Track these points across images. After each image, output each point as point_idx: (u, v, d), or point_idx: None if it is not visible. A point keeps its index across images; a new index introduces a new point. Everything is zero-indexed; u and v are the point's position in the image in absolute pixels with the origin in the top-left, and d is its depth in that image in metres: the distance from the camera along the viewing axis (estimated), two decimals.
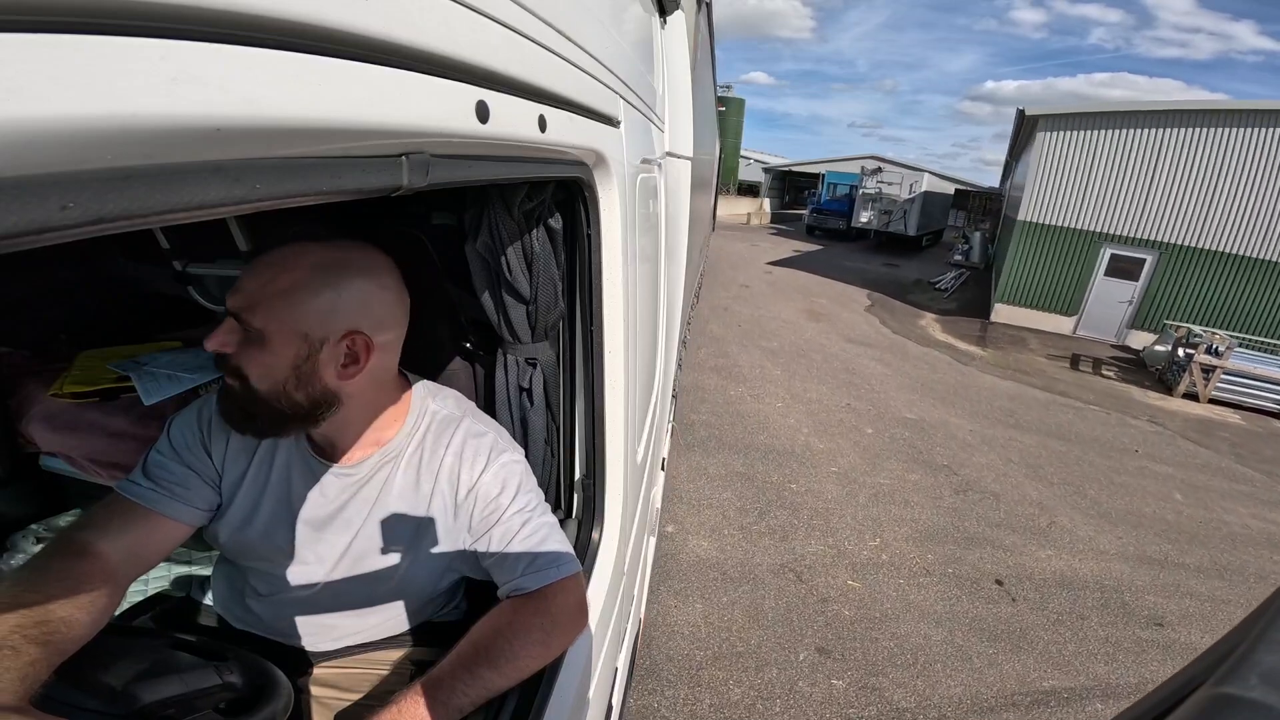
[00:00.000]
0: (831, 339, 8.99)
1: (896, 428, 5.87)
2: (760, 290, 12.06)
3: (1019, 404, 7.17)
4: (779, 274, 14.42)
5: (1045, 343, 10.79)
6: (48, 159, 0.18)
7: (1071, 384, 8.42)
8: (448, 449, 0.91)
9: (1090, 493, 5.03)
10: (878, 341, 9.22)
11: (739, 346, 7.92)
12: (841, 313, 10.88)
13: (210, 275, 1.55)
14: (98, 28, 0.19)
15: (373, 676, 0.99)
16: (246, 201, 0.27)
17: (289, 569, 0.91)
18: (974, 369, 8.49)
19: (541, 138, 0.58)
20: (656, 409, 1.87)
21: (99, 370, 1.36)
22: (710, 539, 3.71)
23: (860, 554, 3.75)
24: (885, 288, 14.13)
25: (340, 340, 0.77)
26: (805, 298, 11.83)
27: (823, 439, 5.38)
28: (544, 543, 0.89)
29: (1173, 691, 0.26)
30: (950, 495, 4.65)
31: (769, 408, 5.96)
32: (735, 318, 9.51)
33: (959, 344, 9.85)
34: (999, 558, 3.93)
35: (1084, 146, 10.85)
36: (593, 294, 0.95)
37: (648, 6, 1.42)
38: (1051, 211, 11.39)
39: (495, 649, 0.79)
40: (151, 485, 0.85)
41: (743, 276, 13.32)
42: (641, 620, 2.37)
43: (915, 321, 11.06)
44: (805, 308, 10.89)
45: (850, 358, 8.11)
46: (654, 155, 1.40)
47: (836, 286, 13.57)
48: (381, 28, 0.31)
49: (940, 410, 6.54)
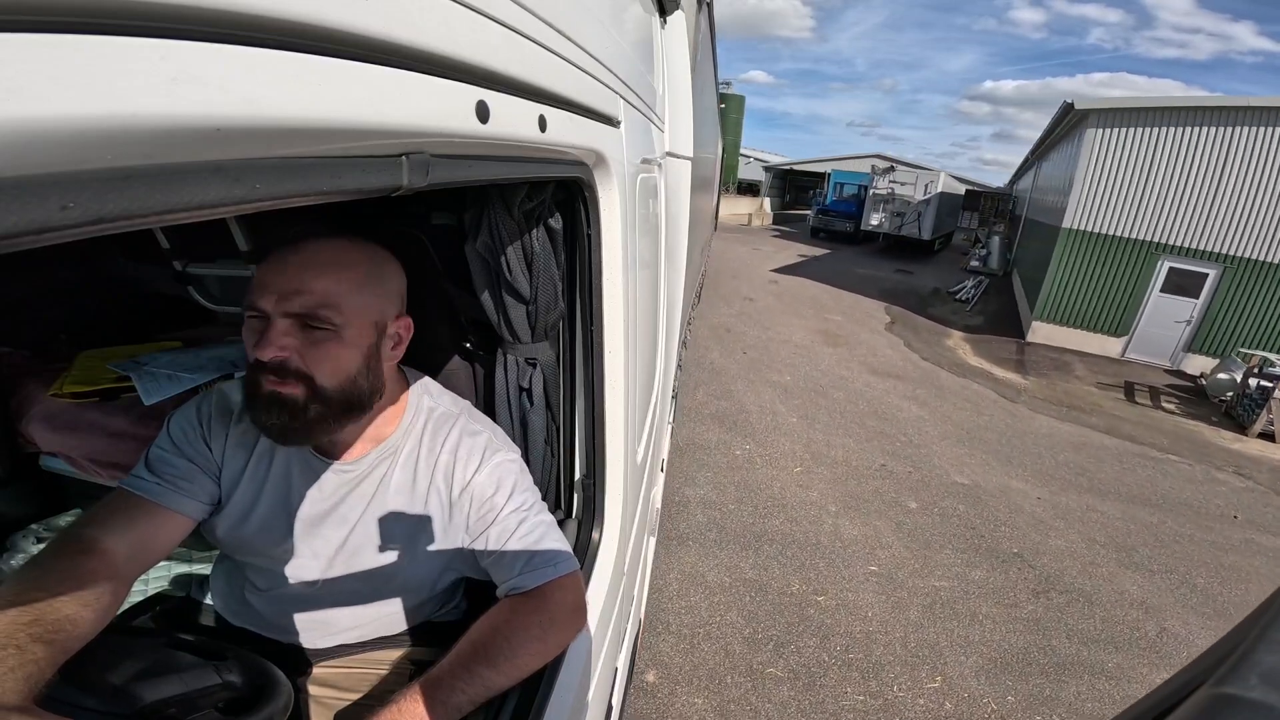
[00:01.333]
0: (853, 369, 7.66)
1: (947, 498, 4.65)
2: (766, 304, 10.64)
3: (1086, 455, 5.92)
4: (786, 283, 12.99)
5: (1092, 368, 9.41)
6: (48, 159, 0.18)
7: (1136, 423, 7.15)
8: (443, 447, 0.91)
9: (1199, 582, 4.04)
10: (907, 372, 7.86)
11: (745, 383, 6.57)
12: (860, 333, 9.57)
13: (210, 275, 1.55)
14: (98, 28, 0.19)
15: (372, 676, 0.99)
16: (247, 201, 0.27)
17: (286, 564, 0.91)
18: (1023, 407, 7.14)
19: (541, 138, 0.58)
20: (656, 409, 1.87)
21: (99, 370, 1.36)
22: (707, 693, 2.64)
23: (916, 704, 2.72)
24: (903, 299, 12.68)
25: (395, 322, 0.85)
26: (818, 313, 10.43)
27: (855, 520, 4.16)
28: (540, 541, 0.89)
29: (1173, 691, 0.26)
30: (1028, 599, 3.58)
31: (784, 475, 4.69)
32: (740, 341, 8.17)
33: (997, 371, 8.59)
34: (1103, 690, 2.94)
35: (1141, 145, 9.35)
36: (593, 294, 0.95)
37: (648, 6, 1.42)
38: (1101, 218, 9.85)
39: (493, 648, 0.79)
40: (155, 479, 0.85)
41: (746, 287, 11.95)
42: (642, 621, 2.37)
43: (942, 342, 9.77)
44: (819, 327, 9.51)
45: (878, 396, 6.76)
46: (654, 155, 1.40)
47: (850, 299, 12.14)
48: (381, 28, 0.31)
49: (997, 469, 5.29)
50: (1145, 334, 10.17)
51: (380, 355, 0.83)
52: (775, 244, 20.34)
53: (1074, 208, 10.00)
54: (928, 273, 16.97)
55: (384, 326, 0.83)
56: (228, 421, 0.90)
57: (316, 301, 0.75)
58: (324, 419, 0.78)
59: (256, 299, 0.75)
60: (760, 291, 11.81)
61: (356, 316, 0.78)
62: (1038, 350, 10.12)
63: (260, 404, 0.76)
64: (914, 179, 20.43)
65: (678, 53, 2.02)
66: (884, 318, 10.92)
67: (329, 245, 0.80)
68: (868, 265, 17.22)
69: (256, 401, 0.76)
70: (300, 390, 0.75)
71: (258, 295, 0.75)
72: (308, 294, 0.74)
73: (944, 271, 17.53)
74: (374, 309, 0.81)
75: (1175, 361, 10.04)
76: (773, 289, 12.23)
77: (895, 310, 11.60)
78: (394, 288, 0.85)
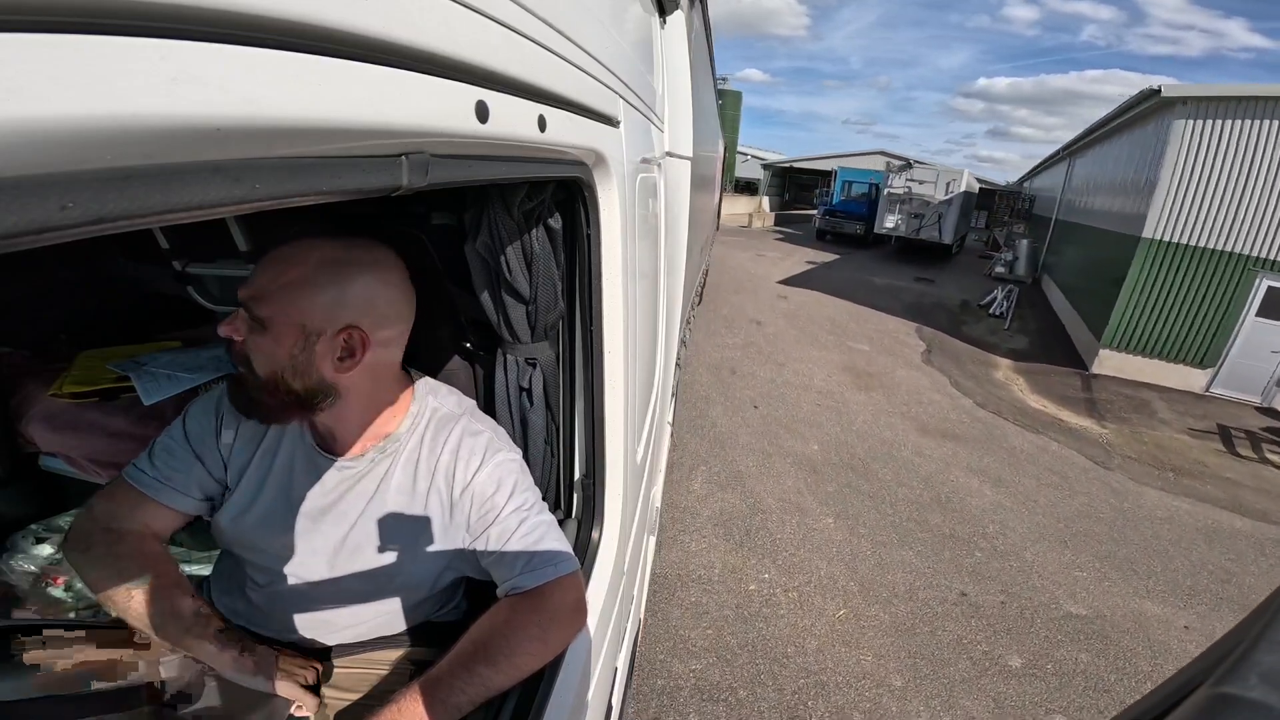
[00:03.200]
0: (897, 427, 5.73)
1: (1061, 643, 3.15)
2: (777, 329, 8.60)
3: (1222, 549, 4.45)
4: (797, 299, 10.79)
5: (1175, 407, 7.72)
6: (48, 159, 0.18)
7: (1256, 489, 5.70)
8: (445, 446, 0.92)
9: None
10: (964, 428, 5.96)
11: (759, 458, 4.73)
12: (895, 368, 7.59)
13: (210, 275, 1.55)
14: (98, 28, 0.19)
15: (372, 676, 0.99)
16: (246, 201, 0.27)
17: (286, 560, 0.91)
18: (1121, 474, 5.49)
19: (541, 138, 0.58)
20: (656, 409, 1.87)
21: (99, 370, 1.36)
22: None
23: None
24: (931, 316, 10.72)
25: (337, 334, 0.79)
26: (839, 340, 8.45)
27: (933, 702, 2.66)
28: (541, 541, 0.89)
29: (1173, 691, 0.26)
30: None
31: (821, 624, 3.06)
32: (748, 387, 6.19)
33: (1067, 417, 6.81)
34: None
35: (1240, 140, 7.64)
36: (592, 294, 0.95)
37: (647, 6, 1.42)
38: (1191, 228, 8.04)
39: (493, 647, 0.80)
40: (157, 475, 0.90)
41: (752, 306, 9.81)
42: (642, 620, 2.37)
43: (991, 375, 7.95)
44: (844, 361, 7.56)
45: (936, 472, 4.91)
46: (654, 155, 1.40)
47: (873, 318, 10.12)
48: (381, 28, 0.31)
49: (1119, 584, 3.76)
50: (1235, 365, 8.38)
51: (313, 362, 0.79)
52: (779, 248, 17.99)
53: (1157, 215, 8.11)
54: (950, 280, 15.00)
55: (314, 334, 0.77)
56: (239, 417, 0.92)
57: (250, 293, 0.78)
58: (271, 405, 0.82)
59: (240, 292, 0.80)
60: (768, 311, 9.64)
61: (280, 316, 0.77)
62: (1106, 385, 8.21)
63: (230, 378, 0.86)
64: (934, 177, 18.39)
65: (677, 52, 2.02)
66: (917, 344, 8.87)
67: (299, 244, 0.80)
68: (884, 272, 15.11)
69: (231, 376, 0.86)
70: (245, 371, 0.81)
71: (243, 290, 0.79)
72: (251, 285, 0.78)
73: (966, 278, 15.53)
74: (303, 313, 0.77)
75: (1268, 398, 8.34)
76: (783, 306, 10.11)
77: (928, 333, 9.51)
78: (352, 298, 0.79)
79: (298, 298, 0.77)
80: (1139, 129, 9.50)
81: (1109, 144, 11.34)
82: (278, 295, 0.77)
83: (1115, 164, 10.79)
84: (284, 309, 0.77)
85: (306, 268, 0.78)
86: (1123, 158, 10.20)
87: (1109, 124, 10.77)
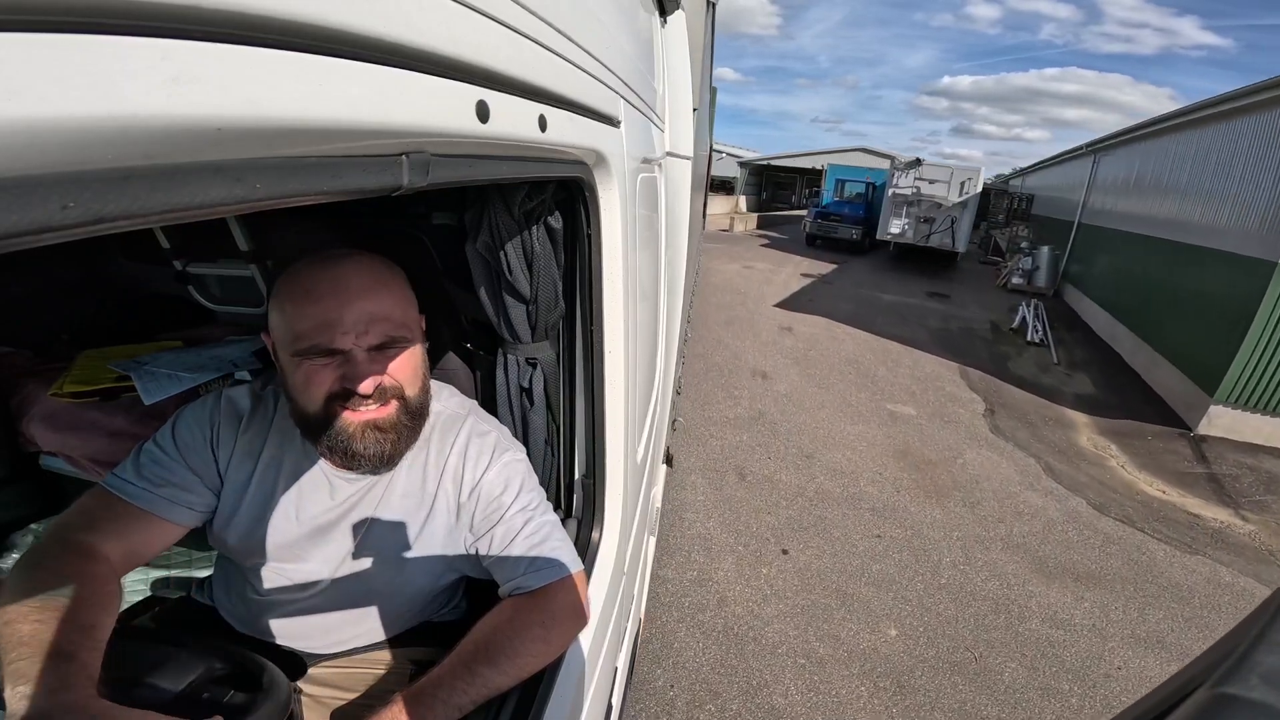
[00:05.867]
0: (1003, 569, 3.57)
1: None
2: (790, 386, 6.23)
3: None
4: (804, 330, 8.49)
5: None
6: (49, 159, 0.18)
7: None
8: (452, 448, 0.91)
9: None
10: (1094, 557, 3.84)
11: (801, 673, 2.59)
12: (961, 445, 5.29)
13: (210, 275, 1.55)
14: (99, 27, 0.19)
15: (371, 676, 0.99)
16: (247, 201, 0.27)
17: (294, 570, 0.91)
18: None
19: (542, 137, 0.58)
20: (657, 408, 1.87)
21: (99, 370, 1.36)
22: None
23: None
24: (967, 349, 8.52)
25: (423, 332, 0.88)
26: (873, 399, 6.14)
27: None
28: (546, 541, 0.89)
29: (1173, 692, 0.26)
30: None
31: None
32: (766, 509, 3.90)
33: (1196, 507, 4.82)
34: None
35: None
36: (593, 293, 0.95)
37: (648, 6, 1.42)
38: None
39: (495, 647, 0.80)
40: (146, 485, 0.84)
41: (751, 347, 7.36)
42: (641, 620, 2.37)
43: (1076, 443, 5.78)
44: (891, 439, 5.21)
45: (1089, 656, 2.93)
46: (654, 155, 1.40)
47: (903, 356, 7.83)
48: (382, 28, 0.31)
49: None
50: None
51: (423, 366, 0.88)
52: (768, 257, 15.63)
53: None
54: (964, 294, 12.88)
55: (423, 323, 0.89)
56: (235, 428, 0.90)
57: (394, 325, 0.79)
58: (412, 431, 0.84)
59: (330, 340, 0.75)
60: (773, 353, 7.29)
61: (414, 324, 0.84)
62: (1222, 453, 6.13)
63: (354, 437, 0.79)
64: (946, 176, 15.78)
65: (678, 52, 2.02)
66: (969, 397, 6.62)
67: (365, 267, 0.80)
68: (890, 286, 12.93)
69: (347, 437, 0.78)
70: (394, 408, 0.80)
71: (329, 336, 0.75)
72: (384, 320, 0.78)
73: (980, 291, 13.51)
74: (416, 311, 0.86)
75: None
76: (790, 345, 7.71)
77: (974, 377, 7.31)
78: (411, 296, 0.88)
79: (411, 302, 0.83)
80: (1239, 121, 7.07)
81: (1191, 136, 8.66)
82: (407, 310, 0.82)
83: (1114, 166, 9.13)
84: (413, 317, 0.83)
85: (397, 276, 0.82)
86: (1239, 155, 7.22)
87: (1196, 112, 8.43)
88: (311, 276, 0.78)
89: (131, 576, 1.61)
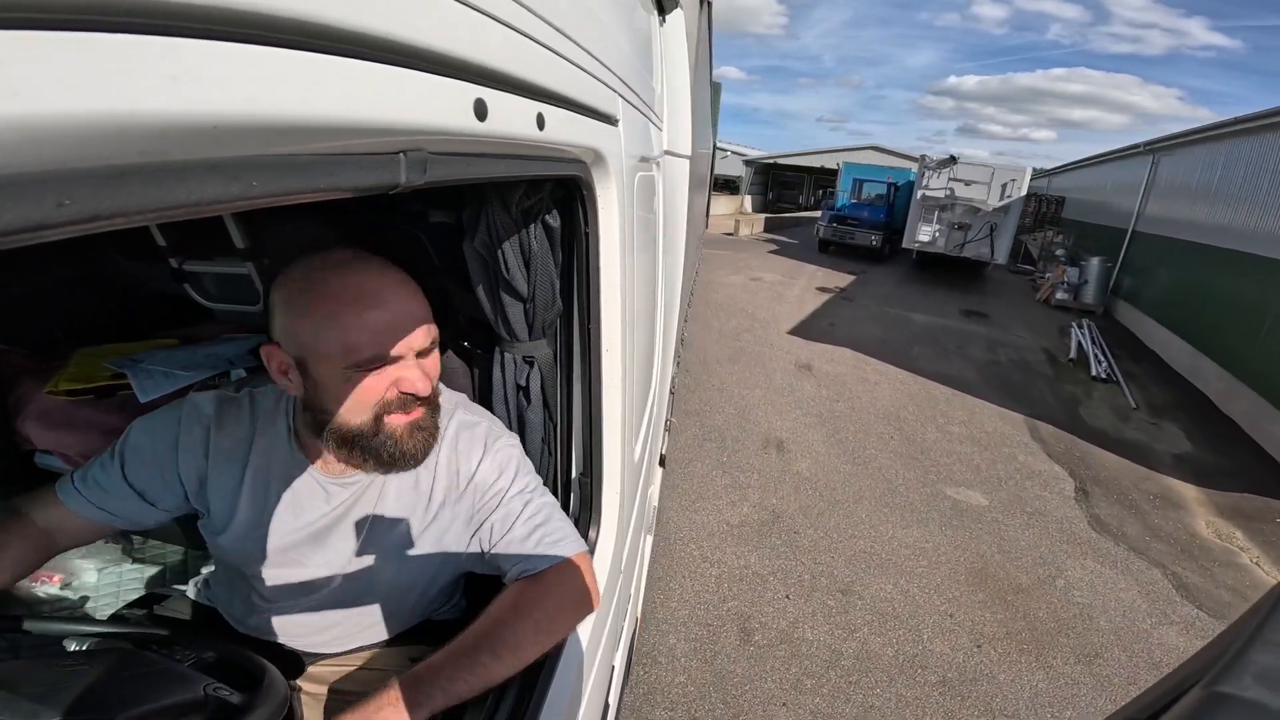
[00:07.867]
0: None
1: None
2: (814, 462, 4.44)
3: None
4: (825, 367, 6.64)
5: None
6: (46, 156, 0.18)
7: None
8: (443, 443, 0.91)
9: None
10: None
11: None
12: (1055, 554, 3.63)
13: (207, 273, 1.54)
14: (99, 25, 0.19)
15: (371, 674, 0.99)
16: (244, 199, 0.27)
17: (293, 574, 0.90)
18: None
19: (540, 136, 0.58)
20: (654, 407, 1.87)
21: (95, 368, 1.35)
22: None
23: None
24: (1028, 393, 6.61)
25: None
26: (925, 478, 4.40)
27: None
28: (547, 522, 0.90)
29: (1168, 690, 0.26)
30: None
31: None
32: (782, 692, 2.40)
33: None
34: None
35: None
36: (590, 292, 0.95)
37: (647, 5, 1.42)
38: None
39: (496, 634, 0.79)
40: (86, 498, 0.89)
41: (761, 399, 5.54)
42: (638, 619, 2.37)
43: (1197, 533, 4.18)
44: (957, 547, 3.58)
45: None
46: (652, 154, 1.40)
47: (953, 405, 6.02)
48: (381, 26, 0.31)
49: None
50: None
51: None
52: (778, 266, 13.68)
53: None
54: (1003, 311, 10.95)
55: None
56: (205, 436, 0.89)
57: (433, 326, 0.81)
58: (437, 426, 0.86)
59: (392, 348, 0.76)
60: (788, 404, 5.52)
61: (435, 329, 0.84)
62: None
63: (402, 440, 0.80)
64: (986, 177, 13.51)
65: (677, 51, 2.02)
66: (1049, 469, 4.83)
67: (394, 271, 0.80)
68: (919, 303, 10.87)
69: (395, 440, 0.79)
70: (429, 411, 0.83)
71: (390, 344, 0.75)
72: (426, 322, 0.80)
73: (1018, 306, 11.73)
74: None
75: None
76: (810, 394, 5.83)
77: (1047, 433, 5.55)
78: None
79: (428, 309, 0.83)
80: None
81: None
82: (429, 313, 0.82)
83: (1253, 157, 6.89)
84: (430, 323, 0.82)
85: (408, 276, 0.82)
86: None
87: None
88: (346, 284, 0.74)
89: (129, 574, 1.61)
